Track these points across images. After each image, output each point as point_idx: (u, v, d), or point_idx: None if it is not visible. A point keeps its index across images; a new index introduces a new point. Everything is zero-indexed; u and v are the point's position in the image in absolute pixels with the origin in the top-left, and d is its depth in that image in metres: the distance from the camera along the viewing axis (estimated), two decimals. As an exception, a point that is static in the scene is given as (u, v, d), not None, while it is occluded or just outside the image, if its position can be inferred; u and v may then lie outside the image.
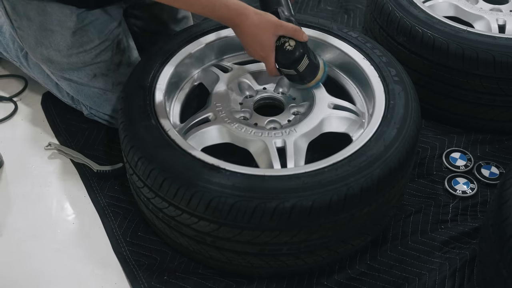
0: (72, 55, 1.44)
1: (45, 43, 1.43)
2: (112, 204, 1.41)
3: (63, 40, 1.42)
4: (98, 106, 1.54)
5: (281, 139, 1.23)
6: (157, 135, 1.17)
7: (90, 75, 1.48)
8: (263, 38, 1.21)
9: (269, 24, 1.21)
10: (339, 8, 2.13)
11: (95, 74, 1.48)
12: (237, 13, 1.20)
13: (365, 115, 1.32)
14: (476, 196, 1.44)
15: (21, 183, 1.49)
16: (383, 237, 1.34)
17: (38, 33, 1.42)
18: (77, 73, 1.48)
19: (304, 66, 1.26)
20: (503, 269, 1.02)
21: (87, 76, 1.48)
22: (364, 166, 1.11)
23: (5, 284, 1.27)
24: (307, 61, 1.26)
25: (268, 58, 1.25)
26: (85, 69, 1.47)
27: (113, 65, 1.49)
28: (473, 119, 1.60)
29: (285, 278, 1.25)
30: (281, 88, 1.40)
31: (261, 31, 1.21)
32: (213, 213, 1.08)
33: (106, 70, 1.48)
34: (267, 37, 1.22)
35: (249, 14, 1.20)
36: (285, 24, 1.22)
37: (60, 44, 1.42)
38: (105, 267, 1.30)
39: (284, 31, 1.22)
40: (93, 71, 1.48)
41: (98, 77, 1.48)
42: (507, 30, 1.66)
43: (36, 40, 1.44)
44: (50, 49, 1.44)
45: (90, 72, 1.48)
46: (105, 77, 1.49)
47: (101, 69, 1.48)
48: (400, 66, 1.35)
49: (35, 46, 1.45)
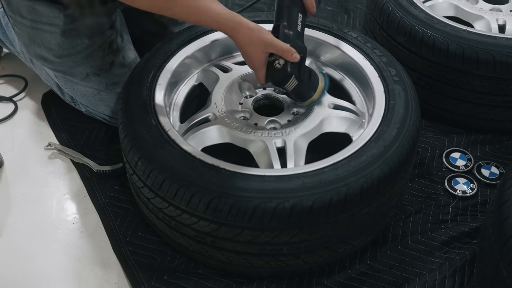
0: (63, 54, 1.45)
1: (38, 41, 1.44)
2: (112, 204, 1.41)
3: (54, 39, 1.42)
4: (93, 106, 1.55)
5: (281, 139, 1.23)
6: (157, 135, 1.17)
7: (83, 74, 1.49)
8: (253, 54, 1.21)
9: (259, 41, 1.20)
10: (339, 8, 2.13)
11: (88, 73, 1.48)
12: (228, 28, 1.20)
13: (365, 115, 1.31)
14: (476, 196, 1.44)
15: (21, 183, 1.49)
16: (383, 237, 1.34)
17: (30, 31, 1.43)
18: (70, 72, 1.49)
19: (292, 86, 1.24)
20: (503, 269, 1.02)
21: (80, 75, 1.49)
22: (364, 166, 1.11)
23: (5, 284, 1.27)
24: (295, 82, 1.23)
25: (257, 72, 1.24)
26: (77, 68, 1.48)
27: (105, 65, 1.49)
28: (473, 119, 1.60)
29: (285, 278, 1.25)
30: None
31: (251, 47, 1.20)
32: (213, 213, 1.08)
33: (98, 70, 1.48)
34: (257, 54, 1.21)
35: (240, 29, 1.19)
36: (276, 43, 1.20)
37: (51, 43, 1.43)
38: (105, 267, 1.30)
39: (274, 49, 1.21)
40: (85, 70, 1.48)
41: (91, 76, 1.49)
42: (507, 30, 1.66)
43: (30, 38, 1.44)
44: (42, 47, 1.44)
45: (83, 71, 1.48)
46: (98, 77, 1.49)
47: (93, 69, 1.48)
48: (400, 66, 1.35)
49: (29, 44, 1.46)
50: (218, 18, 1.19)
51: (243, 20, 1.20)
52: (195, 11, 1.19)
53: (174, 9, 1.20)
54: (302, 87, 1.26)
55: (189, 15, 1.21)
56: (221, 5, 1.21)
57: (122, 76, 1.48)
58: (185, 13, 1.21)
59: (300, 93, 1.28)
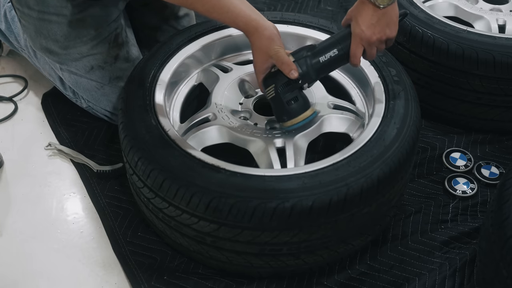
0: (69, 46, 1.45)
1: (44, 32, 1.45)
2: (112, 204, 1.41)
3: (60, 29, 1.43)
4: (95, 100, 1.55)
5: (281, 139, 1.23)
6: (157, 135, 1.17)
7: (88, 67, 1.49)
8: (257, 60, 1.22)
9: (266, 50, 1.20)
10: (339, 8, 2.13)
11: (92, 66, 1.49)
12: (245, 31, 1.21)
13: (365, 115, 1.32)
14: (476, 196, 1.44)
15: (21, 183, 1.49)
16: (383, 237, 1.34)
17: (37, 23, 1.44)
18: (75, 64, 1.49)
19: (269, 95, 1.22)
20: (503, 269, 1.02)
21: (84, 67, 1.49)
22: (364, 166, 1.11)
23: (5, 284, 1.27)
24: (273, 93, 1.20)
25: (257, 78, 1.25)
26: (82, 60, 1.48)
27: (110, 58, 1.49)
28: (473, 119, 1.60)
29: (285, 278, 1.25)
30: (281, 88, 1.40)
31: (258, 54, 1.21)
32: (213, 213, 1.08)
33: (103, 62, 1.49)
34: (260, 61, 1.21)
35: (254, 34, 1.19)
36: (279, 55, 1.18)
37: (57, 34, 1.44)
38: (105, 267, 1.30)
39: (275, 60, 1.19)
40: (90, 62, 1.48)
41: (95, 69, 1.49)
42: (507, 30, 1.66)
43: (36, 30, 1.45)
44: (48, 39, 1.45)
45: (88, 63, 1.49)
46: (102, 70, 1.50)
47: (98, 61, 1.48)
48: (400, 66, 1.35)
49: (35, 36, 1.47)
50: (237, 19, 1.19)
51: (260, 25, 1.19)
52: (215, 9, 1.19)
53: (195, 5, 1.20)
54: (277, 104, 1.23)
55: (210, 12, 1.21)
56: (243, 3, 1.20)
57: (125, 71, 1.49)
58: (206, 10, 1.21)
59: (274, 109, 1.25)
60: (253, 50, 1.22)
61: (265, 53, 1.20)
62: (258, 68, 1.23)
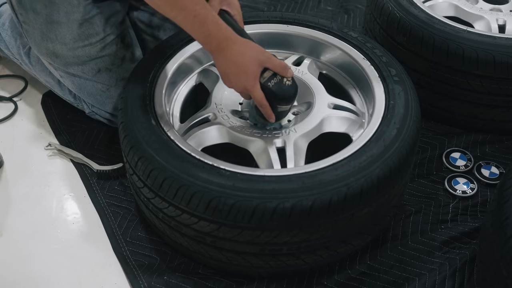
0: (77, 48, 1.45)
1: (51, 36, 1.44)
2: (112, 204, 1.41)
3: (69, 32, 1.42)
4: (100, 104, 1.54)
5: (281, 139, 1.23)
6: (157, 135, 1.17)
7: (95, 70, 1.49)
8: (249, 69, 1.16)
9: (256, 54, 1.17)
10: (339, 8, 2.13)
11: (100, 68, 1.48)
12: (226, 36, 1.17)
13: (365, 115, 1.31)
14: (476, 196, 1.44)
15: (21, 183, 1.49)
16: (383, 237, 1.34)
17: (44, 27, 1.43)
18: (82, 68, 1.49)
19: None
20: (503, 269, 1.02)
21: (91, 70, 1.49)
22: (364, 166, 1.11)
23: (5, 284, 1.27)
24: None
25: (254, 88, 1.18)
26: (90, 63, 1.48)
27: (117, 59, 1.49)
28: (473, 119, 1.60)
29: (285, 278, 1.25)
30: (281, 88, 1.40)
31: (247, 59, 1.16)
32: (213, 213, 1.08)
33: (111, 64, 1.49)
34: (253, 68, 1.16)
35: (237, 40, 1.17)
36: (273, 59, 1.18)
37: (66, 37, 1.43)
38: (105, 267, 1.30)
39: (270, 65, 1.17)
40: (98, 65, 1.48)
41: (103, 72, 1.49)
42: (507, 30, 1.66)
43: (42, 34, 1.44)
44: (56, 42, 1.44)
45: (95, 66, 1.48)
46: (109, 72, 1.49)
47: (106, 63, 1.48)
48: (400, 66, 1.35)
49: (40, 40, 1.46)
50: (219, 23, 1.16)
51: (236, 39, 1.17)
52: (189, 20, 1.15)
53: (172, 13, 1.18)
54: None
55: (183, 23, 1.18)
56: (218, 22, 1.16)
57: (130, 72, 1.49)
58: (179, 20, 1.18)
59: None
60: (238, 57, 1.16)
61: (257, 56, 1.17)
62: (252, 77, 1.17)
